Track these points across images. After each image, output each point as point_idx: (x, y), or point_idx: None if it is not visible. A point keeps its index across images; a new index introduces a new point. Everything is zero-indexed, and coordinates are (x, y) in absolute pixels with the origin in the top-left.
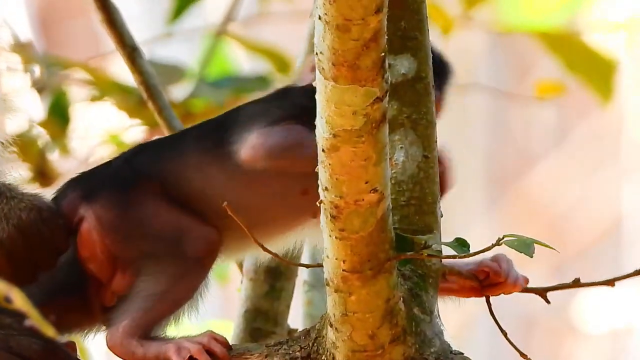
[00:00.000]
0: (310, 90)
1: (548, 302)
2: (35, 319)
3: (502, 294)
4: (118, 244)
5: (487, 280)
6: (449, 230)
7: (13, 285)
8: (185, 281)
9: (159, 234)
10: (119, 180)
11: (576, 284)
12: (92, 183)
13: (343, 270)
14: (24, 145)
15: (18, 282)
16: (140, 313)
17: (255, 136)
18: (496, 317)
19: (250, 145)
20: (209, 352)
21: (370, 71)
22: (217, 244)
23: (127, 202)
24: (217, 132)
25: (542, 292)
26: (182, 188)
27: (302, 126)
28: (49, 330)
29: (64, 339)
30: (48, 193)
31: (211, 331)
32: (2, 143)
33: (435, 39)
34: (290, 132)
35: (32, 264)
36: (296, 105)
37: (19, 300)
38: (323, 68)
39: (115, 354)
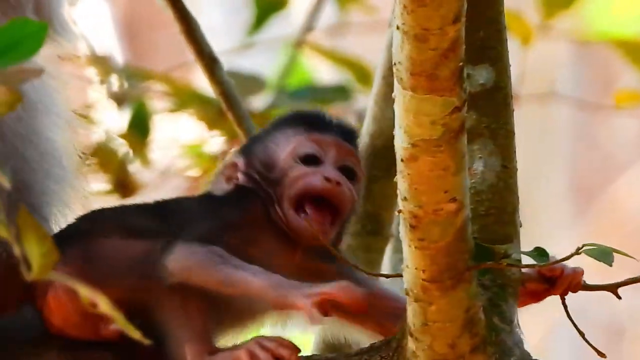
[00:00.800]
0: (229, 200)
1: (619, 297)
2: (121, 323)
3: (570, 292)
4: (106, 287)
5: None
6: (534, 242)
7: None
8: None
9: (134, 262)
10: (72, 239)
11: None
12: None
13: (422, 280)
14: (104, 157)
15: None
16: (188, 339)
17: (183, 249)
18: (579, 327)
19: (170, 259)
20: (278, 358)
21: (449, 81)
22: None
23: (90, 250)
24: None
25: (613, 289)
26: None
27: (220, 248)
28: (136, 334)
29: None
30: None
31: (279, 337)
32: (80, 156)
33: (516, 49)
34: (206, 253)
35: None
36: (220, 219)
37: (104, 305)
38: (401, 78)
39: None
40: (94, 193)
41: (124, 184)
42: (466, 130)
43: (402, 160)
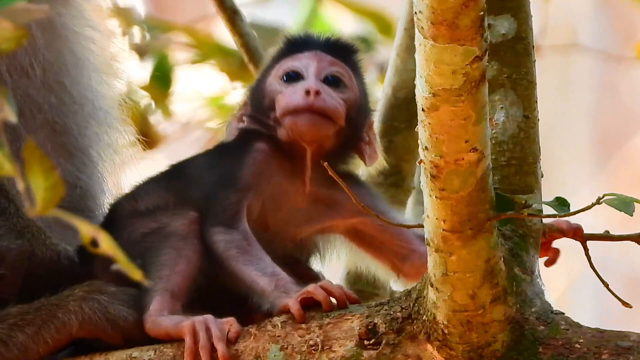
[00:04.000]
0: (239, 145)
1: None
2: (122, 263)
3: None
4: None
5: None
6: (555, 192)
7: None
8: (182, 256)
9: (144, 236)
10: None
11: None
12: None
13: (443, 230)
14: (126, 108)
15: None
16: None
17: (211, 236)
18: (603, 278)
19: (209, 241)
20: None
21: (469, 30)
22: (196, 221)
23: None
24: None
25: (637, 238)
26: None
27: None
28: (136, 274)
29: None
30: (151, 156)
31: (230, 321)
32: (107, 110)
33: (538, 1)
34: (228, 247)
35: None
36: (235, 179)
37: (105, 243)
38: (422, 27)
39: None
40: (120, 145)
41: (146, 136)
42: (487, 80)
43: (422, 109)
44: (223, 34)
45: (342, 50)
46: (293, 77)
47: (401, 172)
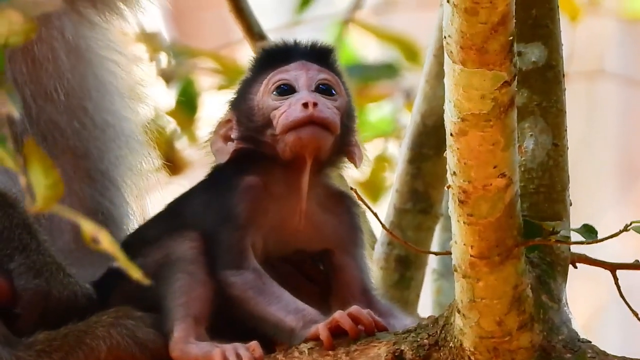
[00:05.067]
0: (231, 174)
1: None
2: (121, 261)
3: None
4: None
5: None
6: (580, 218)
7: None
8: (197, 281)
9: (152, 261)
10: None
11: None
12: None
13: (471, 255)
14: (151, 134)
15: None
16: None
17: (224, 279)
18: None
19: (224, 284)
20: None
21: (498, 55)
22: (198, 245)
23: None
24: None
25: None
26: None
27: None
28: (136, 273)
29: None
30: (177, 182)
31: (255, 345)
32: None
33: (564, 27)
34: (245, 288)
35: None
36: (235, 211)
37: (106, 241)
38: (451, 51)
39: None
40: (145, 170)
41: (171, 162)
42: (517, 107)
43: (451, 134)
44: (249, 60)
45: (324, 56)
46: (285, 90)
47: (429, 199)
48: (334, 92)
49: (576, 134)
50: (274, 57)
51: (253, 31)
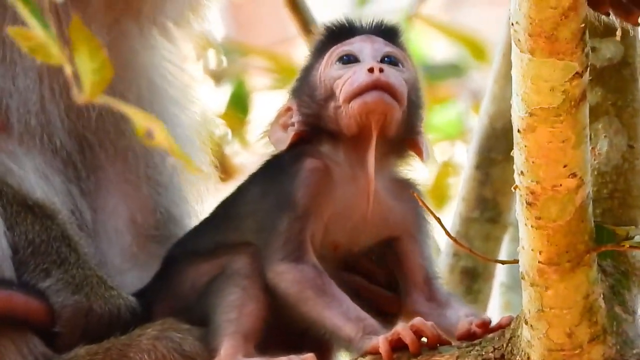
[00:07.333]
0: (289, 160)
1: None
2: (177, 154)
3: None
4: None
5: None
6: None
7: None
8: (250, 296)
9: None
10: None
11: None
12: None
13: (539, 262)
14: (202, 138)
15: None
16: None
17: (277, 274)
18: None
19: (275, 280)
20: None
21: (569, 43)
22: (255, 261)
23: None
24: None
25: None
26: None
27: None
28: (194, 167)
29: None
30: (228, 188)
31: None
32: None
33: None
34: (303, 286)
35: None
36: (290, 201)
37: (160, 134)
38: (519, 40)
39: None
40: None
41: (222, 167)
42: (590, 106)
43: (518, 130)
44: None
45: (391, 33)
46: (349, 60)
47: (498, 207)
48: (400, 65)
49: None
50: (337, 32)
51: (309, 27)
